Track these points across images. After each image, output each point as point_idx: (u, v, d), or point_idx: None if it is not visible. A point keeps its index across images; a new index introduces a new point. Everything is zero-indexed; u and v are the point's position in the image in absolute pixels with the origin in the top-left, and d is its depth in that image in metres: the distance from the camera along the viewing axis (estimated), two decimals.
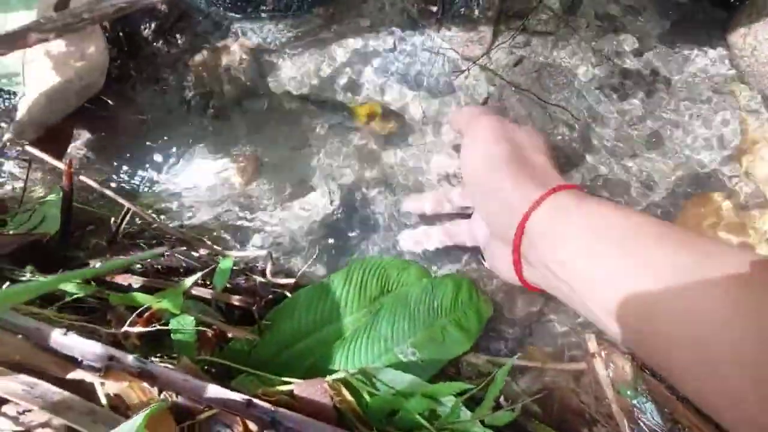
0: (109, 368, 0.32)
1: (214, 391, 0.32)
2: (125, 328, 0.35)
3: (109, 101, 0.61)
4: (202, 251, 0.52)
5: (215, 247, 0.54)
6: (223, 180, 0.60)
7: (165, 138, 0.61)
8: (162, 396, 0.35)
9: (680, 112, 0.63)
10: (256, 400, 0.33)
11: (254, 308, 0.40)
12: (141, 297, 0.36)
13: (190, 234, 0.55)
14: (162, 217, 0.57)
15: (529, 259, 0.41)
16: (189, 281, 0.37)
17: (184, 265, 0.49)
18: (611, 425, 0.49)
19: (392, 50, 0.65)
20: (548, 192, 0.39)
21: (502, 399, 0.48)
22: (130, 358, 0.32)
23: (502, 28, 0.66)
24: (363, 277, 0.45)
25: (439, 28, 0.65)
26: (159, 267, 0.48)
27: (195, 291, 0.41)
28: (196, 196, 0.60)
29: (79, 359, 0.33)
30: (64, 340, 0.32)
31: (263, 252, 0.48)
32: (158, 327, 0.36)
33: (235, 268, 0.52)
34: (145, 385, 0.34)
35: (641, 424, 0.47)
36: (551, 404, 0.50)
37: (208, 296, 0.41)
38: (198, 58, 0.65)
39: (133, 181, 0.60)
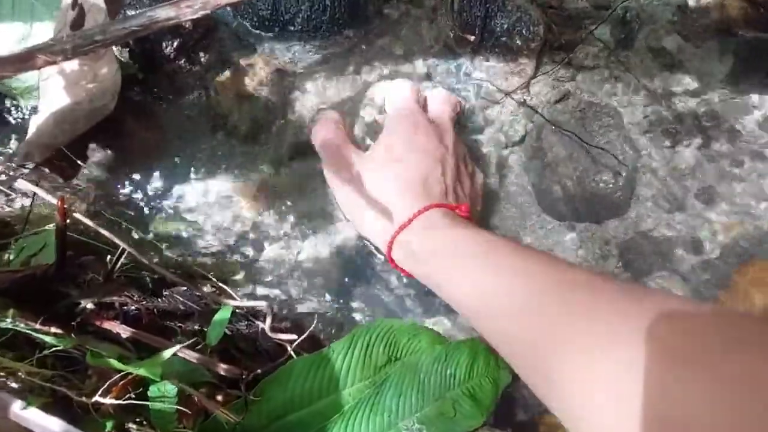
0: None
1: None
2: (96, 397, 0.32)
3: (125, 120, 0.58)
4: (205, 290, 0.49)
5: (220, 284, 0.51)
6: (234, 207, 0.57)
7: (179, 160, 0.58)
8: None
9: (741, 165, 0.56)
10: None
11: (242, 378, 0.37)
12: (117, 364, 0.33)
13: (195, 270, 0.52)
14: (166, 246, 0.54)
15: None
16: (168, 352, 0.34)
17: (181, 308, 0.46)
18: None
19: (424, 79, 0.61)
20: (408, 220, 0.44)
21: None
22: None
23: (545, 60, 0.60)
24: (369, 344, 0.41)
25: (476, 58, 0.60)
26: (155, 310, 0.45)
27: (181, 354, 0.37)
28: (206, 222, 0.56)
29: None
30: (24, 414, 0.29)
31: (263, 303, 0.45)
32: (133, 398, 0.33)
33: (238, 311, 0.49)
34: None
35: None
36: None
37: (194, 360, 0.37)
38: (220, 77, 0.62)
39: (143, 204, 0.57)
